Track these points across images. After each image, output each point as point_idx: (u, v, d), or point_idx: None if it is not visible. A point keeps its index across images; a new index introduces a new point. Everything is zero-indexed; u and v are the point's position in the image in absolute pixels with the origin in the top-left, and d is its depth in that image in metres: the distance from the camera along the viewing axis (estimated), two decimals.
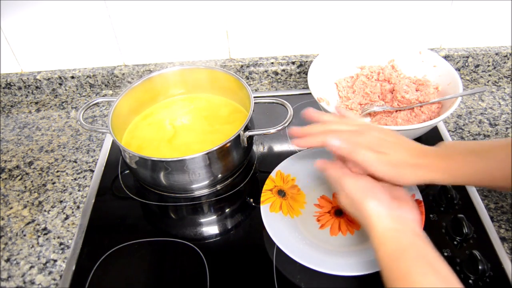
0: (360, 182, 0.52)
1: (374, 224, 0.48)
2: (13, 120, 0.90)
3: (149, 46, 0.93)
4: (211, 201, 0.71)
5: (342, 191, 0.53)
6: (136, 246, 0.64)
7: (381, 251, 0.47)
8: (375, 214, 0.49)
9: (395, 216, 0.49)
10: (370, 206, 0.49)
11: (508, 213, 0.65)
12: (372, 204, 0.49)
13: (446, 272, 0.43)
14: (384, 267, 0.46)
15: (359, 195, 0.50)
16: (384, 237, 0.47)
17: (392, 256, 0.45)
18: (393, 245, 0.46)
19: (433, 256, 0.45)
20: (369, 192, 0.50)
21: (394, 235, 0.47)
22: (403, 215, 0.49)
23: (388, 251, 0.46)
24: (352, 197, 0.51)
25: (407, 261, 0.44)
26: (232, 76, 0.75)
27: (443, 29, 0.92)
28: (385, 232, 0.47)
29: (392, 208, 0.49)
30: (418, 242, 0.46)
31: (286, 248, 0.56)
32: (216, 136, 0.73)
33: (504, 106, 0.86)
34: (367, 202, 0.49)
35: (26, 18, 0.87)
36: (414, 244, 0.46)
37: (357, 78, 0.84)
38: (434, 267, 0.43)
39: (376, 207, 0.49)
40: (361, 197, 0.50)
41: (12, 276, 0.61)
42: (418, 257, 0.44)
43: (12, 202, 0.72)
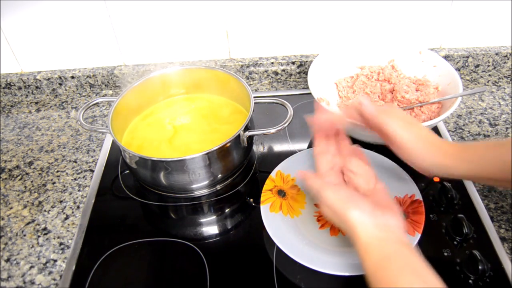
0: (340, 192, 0.51)
1: (358, 234, 0.48)
2: (13, 120, 0.90)
3: (149, 46, 0.93)
4: (211, 201, 0.71)
5: (324, 203, 0.52)
6: (136, 246, 0.64)
7: (367, 260, 0.46)
8: (358, 223, 0.48)
9: (379, 224, 0.48)
10: (353, 216, 0.49)
11: (508, 213, 0.65)
12: (355, 214, 0.49)
13: (432, 279, 0.43)
14: (370, 276, 0.45)
15: (341, 206, 0.50)
16: (369, 246, 0.47)
17: (378, 265, 0.45)
18: (378, 254, 0.46)
19: (418, 264, 0.44)
20: (350, 202, 0.50)
21: (378, 244, 0.47)
22: (387, 222, 0.49)
23: (373, 260, 0.46)
24: (334, 208, 0.51)
25: (392, 270, 0.44)
26: (232, 76, 0.75)
27: (443, 29, 0.92)
28: (370, 240, 0.47)
29: (375, 216, 0.49)
30: (403, 250, 0.46)
31: (286, 248, 0.56)
32: (216, 136, 0.73)
33: (504, 106, 0.86)
34: (350, 212, 0.49)
35: (26, 18, 0.87)
36: (400, 252, 0.46)
37: (357, 78, 0.84)
38: (420, 275, 0.43)
39: (359, 216, 0.49)
40: (343, 207, 0.50)
41: (12, 276, 0.61)
42: (404, 266, 0.44)
43: (12, 202, 0.72)
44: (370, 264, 0.46)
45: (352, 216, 0.49)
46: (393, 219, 0.50)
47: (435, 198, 0.66)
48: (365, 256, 0.46)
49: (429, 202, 0.66)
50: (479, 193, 0.68)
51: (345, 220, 0.49)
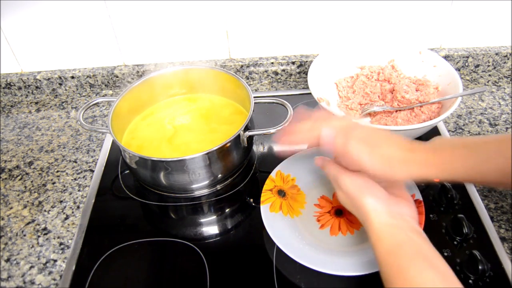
0: (357, 179, 0.52)
1: (372, 220, 0.49)
2: (13, 120, 0.90)
3: (149, 46, 0.93)
4: (211, 201, 0.71)
5: (340, 189, 0.53)
6: (136, 246, 0.64)
7: (379, 246, 0.47)
8: (372, 210, 0.49)
9: (392, 212, 0.49)
10: (368, 203, 0.49)
11: (508, 213, 0.65)
12: (370, 201, 0.50)
13: (443, 267, 0.43)
14: (381, 263, 0.46)
15: (357, 192, 0.51)
16: (381, 233, 0.47)
17: (389, 251, 0.46)
18: (390, 240, 0.46)
19: (430, 251, 0.45)
20: (367, 189, 0.51)
21: (391, 231, 0.47)
22: (400, 211, 0.50)
23: (385, 246, 0.46)
24: (350, 194, 0.52)
25: (404, 257, 0.44)
26: (232, 76, 0.75)
27: (443, 29, 0.92)
28: (383, 227, 0.48)
29: (389, 204, 0.50)
30: (415, 237, 0.46)
31: (286, 248, 0.56)
32: (216, 136, 0.73)
33: (504, 106, 0.86)
34: (365, 199, 0.50)
35: (26, 18, 0.87)
36: (412, 239, 0.46)
37: (357, 78, 0.84)
38: (432, 263, 0.43)
39: (374, 203, 0.49)
40: (359, 194, 0.51)
41: (12, 276, 0.61)
42: (415, 252, 0.44)
43: (12, 202, 0.72)
44: (382, 251, 0.46)
45: (367, 203, 0.49)
46: (407, 209, 0.50)
47: (435, 198, 0.66)
48: (377, 242, 0.47)
49: (429, 202, 0.66)
50: (479, 193, 0.68)
51: (359, 206, 0.50)
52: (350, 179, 0.52)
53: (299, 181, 0.69)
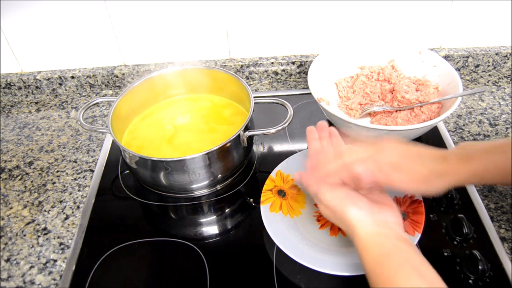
0: (337, 191, 0.51)
1: (357, 230, 0.48)
2: (13, 120, 0.90)
3: (149, 46, 0.93)
4: (211, 201, 0.71)
5: (321, 203, 0.52)
6: (136, 246, 0.64)
7: (366, 256, 0.46)
8: (357, 220, 0.48)
9: (377, 220, 0.48)
10: (351, 213, 0.49)
11: (508, 213, 0.65)
12: (353, 211, 0.49)
13: (431, 275, 0.43)
14: (369, 273, 0.45)
15: (339, 205, 0.50)
16: (367, 242, 0.47)
17: (376, 261, 0.45)
18: (377, 250, 0.46)
19: (417, 259, 0.44)
20: (348, 200, 0.50)
21: (377, 240, 0.47)
22: (385, 218, 0.49)
23: (372, 256, 0.46)
24: (332, 207, 0.51)
25: (391, 266, 0.44)
26: (232, 76, 0.75)
27: (443, 29, 0.92)
28: (368, 237, 0.47)
29: (373, 212, 0.49)
30: (402, 245, 0.46)
31: (286, 248, 0.57)
32: (216, 136, 0.73)
33: (504, 106, 0.86)
34: (348, 210, 0.49)
35: (26, 18, 0.87)
36: (398, 248, 0.46)
37: (357, 78, 0.84)
38: (419, 271, 0.43)
39: (357, 213, 0.49)
40: (341, 206, 0.50)
41: (12, 276, 0.61)
42: (402, 261, 0.44)
43: (12, 202, 0.72)
44: (369, 261, 0.46)
45: (350, 214, 0.49)
46: (391, 216, 0.50)
47: (435, 198, 0.66)
48: (364, 252, 0.47)
49: (429, 202, 0.66)
50: (479, 193, 0.68)
51: (343, 218, 0.50)
52: (330, 192, 0.52)
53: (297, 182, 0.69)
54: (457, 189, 0.67)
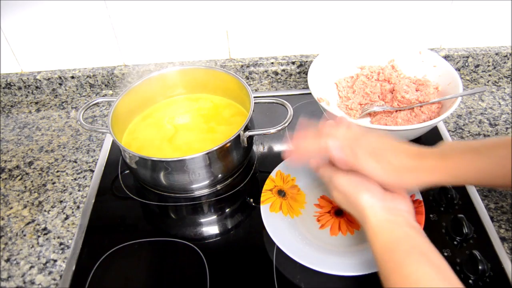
0: (352, 178, 0.52)
1: (368, 216, 0.49)
2: (13, 120, 0.90)
3: (149, 46, 0.93)
4: (211, 201, 0.71)
5: (336, 189, 0.53)
6: (136, 246, 0.64)
7: (375, 242, 0.47)
8: (368, 206, 0.49)
9: (388, 207, 0.49)
10: (364, 199, 0.50)
11: (508, 213, 0.65)
12: (366, 197, 0.50)
13: (440, 262, 0.43)
14: (378, 259, 0.46)
15: (352, 190, 0.51)
16: (378, 228, 0.48)
17: (386, 247, 0.46)
18: (387, 236, 0.46)
19: (426, 246, 0.45)
20: (362, 186, 0.51)
21: (388, 226, 0.47)
22: (396, 206, 0.50)
23: (382, 242, 0.46)
24: (345, 192, 0.52)
25: (400, 252, 0.44)
26: (232, 76, 0.75)
27: (443, 29, 0.92)
28: (379, 223, 0.48)
29: (385, 199, 0.50)
30: (411, 233, 0.47)
31: (286, 248, 0.57)
32: (216, 136, 0.73)
33: (504, 106, 0.86)
34: (361, 195, 0.50)
35: (26, 18, 0.87)
36: (408, 235, 0.46)
37: (357, 78, 0.84)
38: (428, 258, 0.43)
39: (370, 199, 0.49)
40: (354, 191, 0.51)
41: (12, 276, 0.61)
42: (412, 248, 0.44)
43: (12, 202, 0.72)
44: (379, 247, 0.46)
45: (363, 199, 0.50)
46: (403, 204, 0.50)
47: (435, 198, 0.66)
48: (374, 238, 0.47)
49: (429, 202, 0.66)
50: (479, 193, 0.68)
51: (355, 203, 0.50)
52: (345, 178, 0.52)
53: (299, 181, 0.69)
54: (457, 189, 0.67)
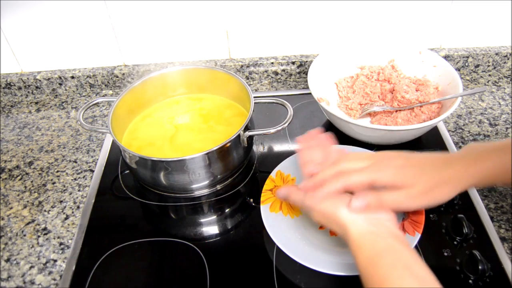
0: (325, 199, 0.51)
1: (350, 230, 0.47)
2: (13, 120, 0.90)
3: (149, 46, 0.93)
4: (211, 201, 0.71)
5: (313, 210, 0.52)
6: (136, 246, 0.64)
7: (359, 256, 0.46)
8: (349, 220, 0.48)
9: (369, 218, 0.48)
10: (343, 214, 0.48)
11: (508, 213, 0.65)
12: (344, 212, 0.49)
13: (424, 274, 0.42)
14: (362, 272, 0.45)
15: (330, 208, 0.50)
16: (360, 242, 0.46)
17: (369, 260, 0.45)
18: (370, 249, 0.45)
19: (410, 258, 0.44)
20: (339, 202, 0.50)
21: (370, 239, 0.46)
22: (377, 216, 0.48)
23: (365, 255, 0.45)
24: (324, 212, 0.50)
25: (384, 266, 0.43)
26: (232, 76, 0.75)
27: (443, 29, 0.92)
28: (361, 236, 0.47)
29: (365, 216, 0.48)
30: (395, 244, 0.45)
31: (286, 248, 0.56)
32: (216, 136, 0.73)
33: (504, 106, 0.86)
34: (339, 211, 0.49)
35: (26, 18, 0.87)
36: (391, 246, 0.45)
37: (357, 78, 0.84)
38: (412, 271, 0.42)
39: (349, 213, 0.48)
40: (332, 208, 0.49)
41: (12, 276, 0.61)
42: (395, 260, 0.43)
43: (12, 202, 0.72)
44: (362, 260, 0.45)
45: (342, 214, 0.49)
46: (384, 213, 0.49)
47: None
48: (357, 252, 0.46)
49: None
50: (479, 193, 0.68)
51: (335, 219, 0.49)
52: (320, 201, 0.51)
53: (299, 181, 0.69)
54: None
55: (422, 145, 0.76)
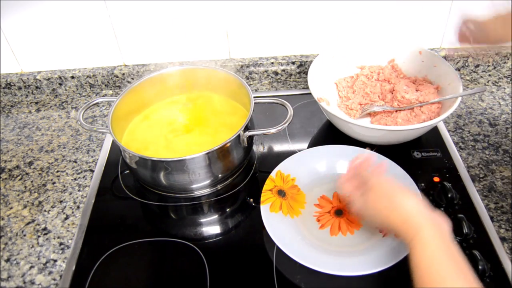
0: (391, 180, 0.51)
1: (415, 225, 0.46)
2: (13, 120, 0.90)
3: (149, 46, 0.93)
4: (211, 201, 0.71)
5: (371, 190, 0.51)
6: (136, 246, 0.64)
7: (424, 252, 0.44)
8: (415, 213, 0.47)
9: (432, 218, 0.47)
10: (410, 204, 0.47)
11: (508, 213, 0.65)
12: (412, 202, 0.47)
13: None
14: (418, 274, 0.44)
15: (396, 191, 0.49)
16: (427, 239, 0.45)
17: (433, 261, 0.43)
18: (431, 253, 0.44)
19: (467, 266, 0.43)
20: (406, 191, 0.49)
21: (433, 243, 0.45)
22: (437, 218, 0.48)
23: (426, 257, 0.44)
24: (386, 192, 0.49)
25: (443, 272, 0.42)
26: (232, 76, 0.75)
27: (443, 29, 0.92)
28: (430, 232, 0.45)
29: (428, 209, 0.48)
30: (454, 252, 0.44)
31: (286, 248, 0.56)
32: (216, 136, 0.73)
33: (504, 106, 0.86)
34: (406, 199, 0.48)
35: (26, 18, 0.87)
36: (451, 255, 0.44)
37: (357, 78, 0.84)
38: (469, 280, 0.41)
39: (416, 205, 0.47)
40: (398, 193, 0.49)
41: (12, 276, 0.61)
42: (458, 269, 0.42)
43: (12, 202, 0.72)
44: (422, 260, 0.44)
45: (409, 204, 0.47)
46: (441, 216, 0.48)
47: (435, 198, 0.66)
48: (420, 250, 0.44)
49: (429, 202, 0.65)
50: (479, 193, 0.68)
51: (398, 205, 0.48)
52: (387, 179, 0.51)
53: (299, 181, 0.69)
54: (457, 189, 0.67)
55: (422, 145, 0.76)
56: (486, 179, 0.71)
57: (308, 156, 0.71)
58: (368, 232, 0.62)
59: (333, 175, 0.70)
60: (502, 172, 0.72)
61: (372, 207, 0.52)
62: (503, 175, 0.71)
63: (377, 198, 0.51)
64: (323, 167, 0.70)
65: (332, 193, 0.68)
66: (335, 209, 0.65)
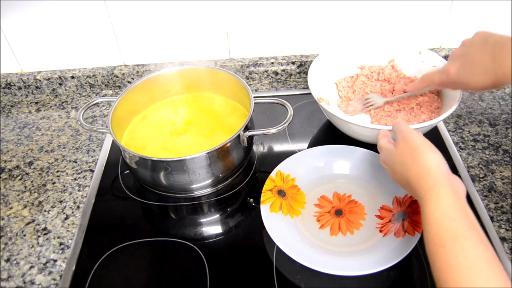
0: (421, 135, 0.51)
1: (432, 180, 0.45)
2: (13, 120, 0.90)
3: (149, 46, 0.93)
4: (211, 201, 0.71)
5: (403, 140, 0.51)
6: (136, 246, 0.64)
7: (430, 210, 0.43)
8: (434, 168, 0.46)
9: (449, 178, 0.46)
10: (431, 159, 0.47)
11: (508, 213, 0.65)
12: (434, 159, 0.47)
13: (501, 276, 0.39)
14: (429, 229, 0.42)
15: (423, 145, 0.49)
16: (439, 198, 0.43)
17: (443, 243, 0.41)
18: (445, 208, 0.43)
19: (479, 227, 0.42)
20: (432, 147, 0.49)
21: (447, 199, 0.43)
22: (454, 180, 0.47)
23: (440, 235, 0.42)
24: (414, 144, 0.49)
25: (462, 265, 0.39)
26: (232, 76, 0.75)
27: (443, 29, 0.92)
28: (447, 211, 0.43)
29: (448, 169, 0.47)
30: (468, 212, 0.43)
31: (286, 248, 0.56)
32: (216, 136, 0.73)
33: (504, 106, 0.86)
34: (429, 154, 0.48)
35: (26, 18, 0.87)
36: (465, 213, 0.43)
37: (357, 78, 0.84)
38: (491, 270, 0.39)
39: (437, 162, 0.47)
40: (424, 146, 0.49)
41: (12, 276, 0.61)
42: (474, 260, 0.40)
43: (12, 202, 0.72)
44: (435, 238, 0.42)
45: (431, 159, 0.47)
46: (460, 181, 0.48)
47: None
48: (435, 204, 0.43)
49: None
50: (479, 193, 0.68)
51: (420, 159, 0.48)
52: (419, 134, 0.51)
53: (299, 181, 0.69)
54: None
55: None
56: (486, 179, 0.71)
57: (308, 156, 0.71)
58: (368, 232, 0.62)
59: (333, 175, 0.70)
60: (502, 172, 0.72)
61: (399, 154, 0.52)
62: (503, 175, 0.71)
63: (404, 147, 0.51)
64: (323, 167, 0.70)
65: (332, 193, 0.68)
66: (335, 209, 0.65)
